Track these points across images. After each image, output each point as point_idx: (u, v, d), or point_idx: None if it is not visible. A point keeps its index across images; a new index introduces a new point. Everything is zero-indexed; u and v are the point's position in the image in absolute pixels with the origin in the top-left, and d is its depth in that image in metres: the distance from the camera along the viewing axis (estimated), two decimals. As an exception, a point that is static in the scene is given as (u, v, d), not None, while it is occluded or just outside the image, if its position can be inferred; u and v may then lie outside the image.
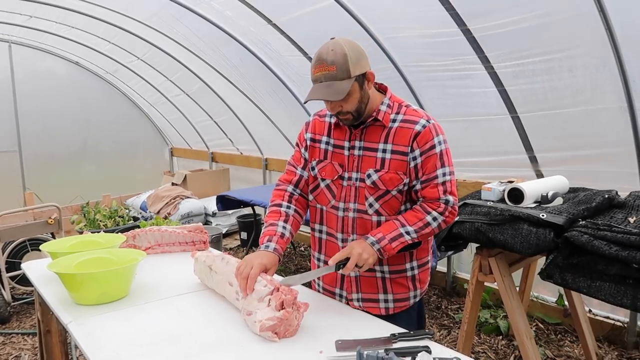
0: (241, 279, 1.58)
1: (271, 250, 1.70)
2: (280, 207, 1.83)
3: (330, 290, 1.88)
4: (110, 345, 1.46)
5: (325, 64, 1.56)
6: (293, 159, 1.93)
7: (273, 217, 1.81)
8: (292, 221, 1.81)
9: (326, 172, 1.79)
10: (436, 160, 1.67)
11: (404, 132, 1.67)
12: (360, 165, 1.73)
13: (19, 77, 6.39)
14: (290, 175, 1.90)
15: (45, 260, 2.22)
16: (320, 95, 1.59)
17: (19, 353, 3.40)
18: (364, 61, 1.62)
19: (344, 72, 1.56)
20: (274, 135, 5.48)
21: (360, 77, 1.61)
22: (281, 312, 1.46)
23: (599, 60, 2.66)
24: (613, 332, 3.17)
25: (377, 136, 1.71)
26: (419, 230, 1.67)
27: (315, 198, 1.85)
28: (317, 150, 1.83)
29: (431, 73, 3.49)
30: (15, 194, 6.27)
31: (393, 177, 1.68)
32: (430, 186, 1.68)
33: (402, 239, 1.66)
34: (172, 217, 5.74)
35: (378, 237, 1.65)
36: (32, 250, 4.16)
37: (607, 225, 1.92)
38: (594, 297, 1.95)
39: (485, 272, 2.38)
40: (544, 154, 3.29)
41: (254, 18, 3.98)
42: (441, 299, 4.01)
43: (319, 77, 1.59)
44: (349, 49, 1.58)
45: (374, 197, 1.71)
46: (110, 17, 4.98)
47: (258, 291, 1.54)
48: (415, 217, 1.68)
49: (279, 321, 1.45)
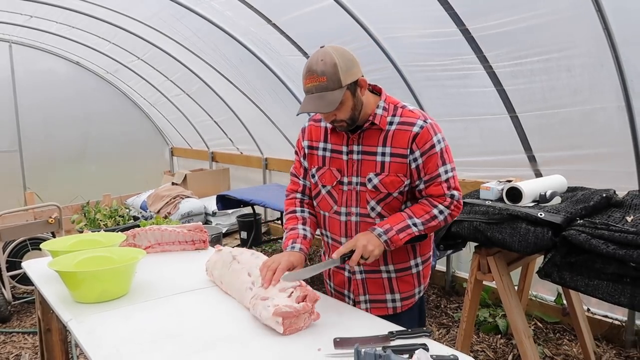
0: (267, 270, 1.63)
1: (297, 250, 1.74)
2: (295, 212, 1.88)
3: (340, 292, 1.90)
4: (110, 343, 1.48)
5: (315, 74, 1.55)
6: (294, 169, 1.96)
7: (292, 222, 1.86)
8: (310, 223, 1.86)
9: (325, 178, 1.80)
10: (437, 159, 1.68)
11: (402, 134, 1.67)
12: (360, 170, 1.73)
13: (20, 77, 6.40)
14: (295, 185, 1.95)
15: (45, 259, 2.24)
16: (313, 108, 1.59)
17: (19, 352, 3.41)
18: (355, 69, 1.60)
19: (334, 82, 1.55)
20: (274, 135, 5.49)
21: (352, 85, 1.60)
22: (301, 304, 1.50)
23: (597, 59, 2.67)
24: (611, 331, 3.18)
25: (375, 140, 1.71)
26: (426, 222, 1.69)
27: (318, 204, 1.87)
28: (315, 158, 1.83)
29: (430, 73, 3.50)
30: (16, 193, 6.28)
31: (394, 179, 1.69)
32: (434, 184, 1.69)
33: (410, 230, 1.67)
34: (172, 217, 5.75)
35: (385, 227, 1.65)
36: (33, 250, 4.17)
37: (605, 224, 1.93)
38: (592, 296, 1.96)
39: (483, 271, 2.39)
40: (542, 153, 3.30)
41: (253, 18, 3.99)
42: (440, 298, 4.02)
43: (310, 88, 1.58)
44: (339, 57, 1.56)
45: (375, 200, 1.72)
46: (111, 17, 4.99)
47: (283, 283, 1.58)
48: (423, 209, 1.70)
49: (294, 311, 1.48)
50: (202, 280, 1.99)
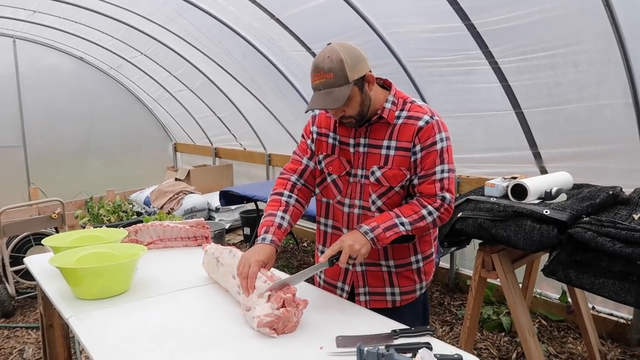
0: (242, 279, 1.59)
1: (268, 243, 1.70)
2: (281, 196, 1.82)
3: (332, 283, 1.88)
4: (111, 340, 1.47)
5: (322, 72, 1.56)
6: (299, 149, 1.92)
7: (272, 206, 1.80)
8: (291, 211, 1.80)
9: (333, 167, 1.79)
10: (436, 156, 1.66)
11: (408, 128, 1.67)
12: (365, 162, 1.73)
13: (24, 72, 6.40)
14: (295, 164, 1.89)
15: (47, 255, 2.23)
16: (321, 104, 1.59)
17: (22, 347, 3.42)
18: (363, 64, 1.59)
19: (341, 79, 1.55)
20: (277, 131, 5.48)
21: (359, 81, 1.59)
22: (281, 310, 1.46)
23: (604, 55, 2.64)
24: (616, 330, 3.15)
25: (382, 133, 1.70)
26: (414, 222, 1.66)
27: (322, 192, 1.86)
28: (324, 144, 1.82)
29: (435, 68, 3.47)
30: (20, 188, 6.30)
31: (396, 173, 1.68)
32: (428, 182, 1.67)
33: (397, 229, 1.64)
34: (175, 213, 5.75)
35: (372, 225, 1.63)
36: (36, 245, 4.17)
37: (611, 222, 1.91)
38: (598, 294, 1.94)
39: (488, 269, 2.37)
40: (547, 150, 3.27)
41: (257, 13, 3.97)
42: (444, 295, 4.00)
43: (318, 85, 1.58)
44: (346, 53, 1.56)
45: (377, 194, 1.72)
46: (114, 12, 4.98)
47: (258, 287, 1.54)
48: (411, 209, 1.67)
49: (276, 318, 1.45)
50: (204, 277, 1.98)
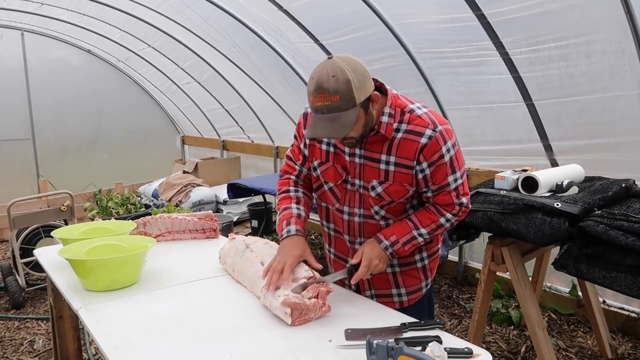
0: (274, 272, 1.56)
1: (294, 233, 1.69)
2: (289, 192, 1.83)
3: (343, 257, 1.86)
4: (120, 332, 1.47)
5: (327, 93, 1.38)
6: (292, 152, 1.86)
7: (285, 202, 1.80)
8: (304, 202, 1.81)
9: (329, 175, 1.72)
10: (446, 168, 1.58)
11: (409, 144, 1.55)
12: (362, 174, 1.65)
13: (32, 65, 6.43)
14: (290, 169, 1.88)
15: (57, 247, 2.24)
16: (326, 133, 1.46)
17: (33, 338, 3.45)
18: (369, 82, 1.46)
19: (348, 101, 1.40)
20: (285, 123, 5.45)
21: (365, 102, 1.45)
22: (312, 300, 1.48)
23: (617, 46, 2.59)
24: (627, 323, 3.13)
25: (379, 146, 1.60)
26: (432, 232, 1.66)
27: (320, 197, 1.82)
28: (317, 151, 1.73)
29: (444, 60, 3.43)
30: (29, 181, 6.35)
31: (399, 189, 1.62)
32: (443, 193, 1.63)
33: (415, 242, 1.65)
34: (183, 205, 5.77)
35: (392, 240, 1.63)
36: (46, 237, 4.20)
37: (624, 215, 1.88)
38: (609, 288, 1.92)
39: (497, 262, 2.35)
40: (559, 142, 3.22)
41: (264, 4, 3.94)
42: (452, 289, 3.99)
43: (321, 108, 1.41)
44: (352, 72, 1.40)
45: (379, 205, 1.68)
46: (121, 5, 4.97)
47: (296, 273, 1.57)
48: (429, 218, 1.65)
49: (303, 304, 1.46)
50: (213, 269, 1.98)
